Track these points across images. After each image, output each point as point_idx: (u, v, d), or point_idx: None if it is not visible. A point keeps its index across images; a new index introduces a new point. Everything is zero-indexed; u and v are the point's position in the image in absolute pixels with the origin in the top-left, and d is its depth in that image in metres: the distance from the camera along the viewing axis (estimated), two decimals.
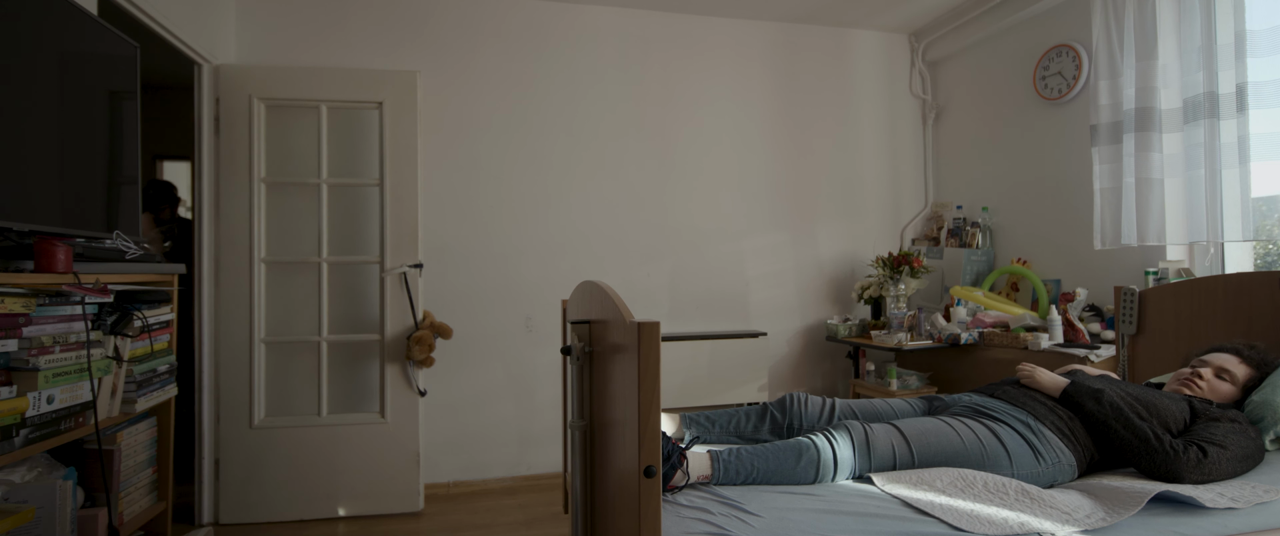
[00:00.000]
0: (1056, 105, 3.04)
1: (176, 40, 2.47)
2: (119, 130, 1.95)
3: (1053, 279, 3.04)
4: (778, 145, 3.61)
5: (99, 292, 1.74)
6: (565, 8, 3.34)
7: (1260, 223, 2.42)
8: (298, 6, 3.03)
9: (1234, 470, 1.49)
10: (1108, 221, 2.63)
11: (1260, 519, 1.32)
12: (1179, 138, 2.44)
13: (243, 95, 2.76)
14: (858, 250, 3.71)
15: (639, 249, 3.40)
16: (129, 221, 1.97)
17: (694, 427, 1.76)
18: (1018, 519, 1.26)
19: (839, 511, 1.28)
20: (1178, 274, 2.44)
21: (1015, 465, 1.51)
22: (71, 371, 1.66)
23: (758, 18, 3.56)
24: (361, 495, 2.80)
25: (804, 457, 1.46)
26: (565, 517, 2.69)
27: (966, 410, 1.69)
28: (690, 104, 3.48)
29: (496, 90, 3.25)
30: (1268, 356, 1.83)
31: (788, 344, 3.59)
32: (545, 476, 3.25)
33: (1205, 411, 1.65)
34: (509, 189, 3.25)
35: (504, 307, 3.23)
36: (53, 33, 1.67)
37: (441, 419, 3.12)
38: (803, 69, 3.65)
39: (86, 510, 1.81)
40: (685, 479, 1.41)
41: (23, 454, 1.53)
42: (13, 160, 1.54)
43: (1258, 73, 2.20)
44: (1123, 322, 2.37)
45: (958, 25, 3.51)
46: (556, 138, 3.31)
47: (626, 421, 1.04)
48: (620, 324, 1.09)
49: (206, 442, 2.71)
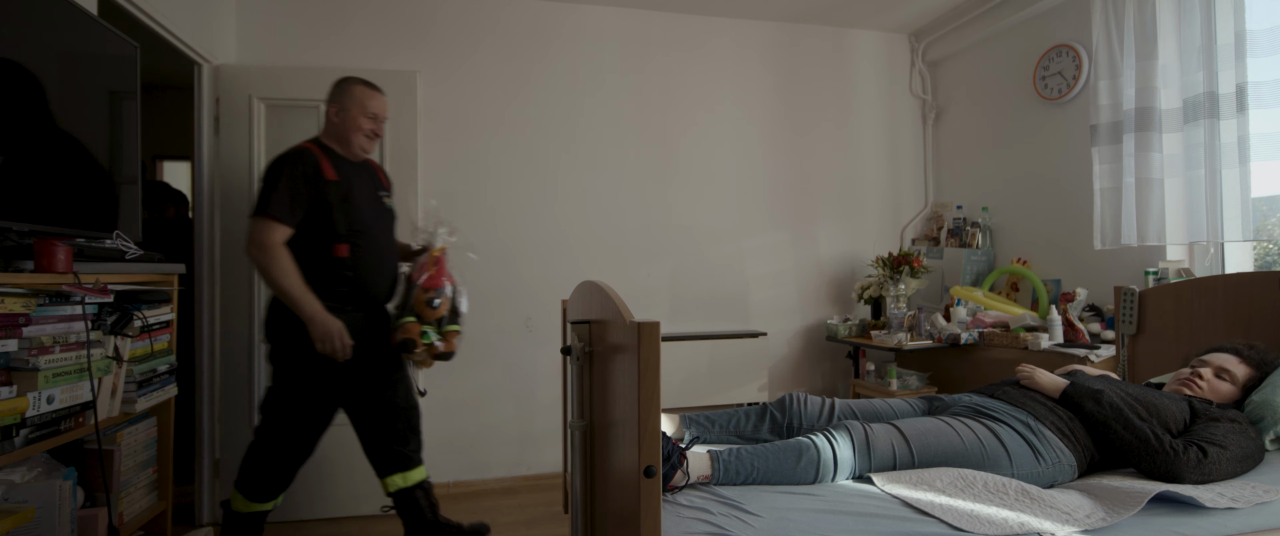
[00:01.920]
0: (1056, 105, 3.04)
1: (176, 40, 2.47)
2: (119, 130, 1.95)
3: (1053, 279, 3.04)
4: (778, 145, 3.61)
5: (99, 292, 1.74)
6: (566, 8, 3.34)
7: (1260, 223, 2.42)
8: (298, 6, 3.03)
9: (1234, 470, 1.49)
10: (1108, 221, 2.63)
11: (1260, 519, 1.32)
12: (1179, 138, 2.44)
13: (243, 95, 2.75)
14: (858, 250, 3.71)
15: (639, 249, 3.40)
16: (129, 221, 1.97)
17: (694, 427, 1.76)
18: (1018, 519, 1.26)
19: (839, 511, 1.28)
20: (1178, 274, 2.44)
21: (1015, 465, 1.51)
22: (71, 371, 1.66)
23: (758, 18, 3.56)
24: (361, 495, 2.80)
25: (804, 457, 1.46)
26: (565, 517, 2.69)
27: (966, 410, 1.69)
28: (690, 104, 3.48)
29: (497, 90, 3.25)
30: (1267, 356, 1.83)
31: (788, 344, 3.59)
32: (545, 476, 3.25)
33: (1205, 411, 1.65)
34: (509, 189, 3.25)
35: (504, 307, 3.23)
36: (53, 32, 1.67)
37: (441, 419, 3.11)
38: (803, 69, 3.65)
39: (86, 510, 1.81)
40: (685, 479, 1.41)
41: (23, 454, 1.53)
42: (13, 160, 1.54)
43: (1258, 73, 2.20)
44: (1123, 323, 2.37)
45: (958, 25, 3.51)
46: (556, 138, 3.31)
47: (626, 421, 1.04)
48: (620, 324, 1.09)
49: (206, 442, 2.71)
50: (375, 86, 2.23)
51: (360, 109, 2.16)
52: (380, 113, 2.21)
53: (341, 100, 2.18)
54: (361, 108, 2.17)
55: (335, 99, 2.19)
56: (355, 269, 2.11)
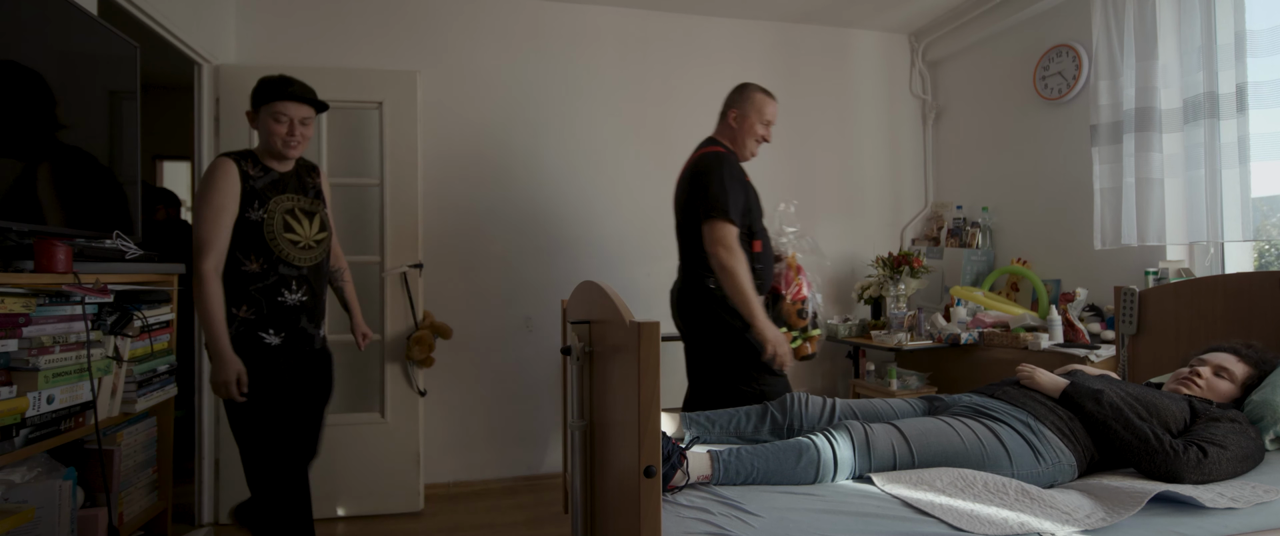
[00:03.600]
0: (1056, 105, 3.04)
1: (176, 40, 2.47)
2: (119, 130, 1.95)
3: (1053, 279, 3.04)
4: (777, 145, 3.60)
5: (99, 292, 1.74)
6: (565, 8, 3.33)
7: (1260, 223, 2.42)
8: (298, 7, 3.03)
9: (1234, 470, 1.49)
10: (1108, 221, 2.63)
11: (1260, 519, 1.32)
12: (1179, 138, 2.44)
13: (243, 95, 2.74)
14: (858, 250, 3.71)
15: (639, 249, 3.40)
16: (129, 221, 1.97)
17: (694, 427, 1.76)
18: (1018, 519, 1.26)
19: (839, 511, 1.28)
20: (1178, 274, 2.44)
21: (1015, 465, 1.51)
22: (71, 371, 1.66)
23: (758, 18, 3.56)
24: (361, 495, 2.80)
25: (804, 457, 1.46)
26: (565, 517, 2.69)
27: (966, 410, 1.69)
28: (690, 104, 3.48)
29: (496, 90, 3.25)
30: (1266, 355, 1.83)
31: None
32: (545, 476, 3.24)
33: (1205, 411, 1.64)
34: (509, 188, 3.25)
35: (504, 307, 3.23)
36: (53, 32, 1.67)
37: (441, 419, 3.11)
38: (803, 69, 3.65)
39: (86, 510, 1.81)
40: (685, 479, 1.41)
41: (23, 454, 1.53)
42: (13, 160, 1.54)
43: (1258, 73, 2.20)
44: (1123, 323, 2.37)
45: (958, 25, 3.51)
46: (556, 137, 3.31)
47: (626, 421, 1.04)
48: (620, 324, 1.09)
49: (206, 442, 2.71)
50: (771, 93, 2.30)
51: (759, 115, 2.25)
52: (774, 119, 2.30)
53: (742, 105, 2.26)
54: (760, 114, 2.25)
55: (736, 103, 2.27)
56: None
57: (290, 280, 1.85)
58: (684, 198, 2.27)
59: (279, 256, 1.83)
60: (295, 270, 1.86)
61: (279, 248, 1.83)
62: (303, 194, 1.93)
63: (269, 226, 1.81)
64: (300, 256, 1.87)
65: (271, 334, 1.83)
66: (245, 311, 1.80)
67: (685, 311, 2.27)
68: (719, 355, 2.18)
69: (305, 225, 1.89)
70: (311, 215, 1.92)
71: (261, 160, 1.87)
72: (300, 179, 1.94)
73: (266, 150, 1.88)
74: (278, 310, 1.84)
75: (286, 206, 1.86)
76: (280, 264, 1.83)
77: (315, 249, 1.91)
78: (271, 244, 1.82)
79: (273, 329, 1.83)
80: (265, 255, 1.81)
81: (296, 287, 1.87)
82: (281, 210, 1.84)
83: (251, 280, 1.81)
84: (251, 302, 1.81)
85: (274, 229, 1.82)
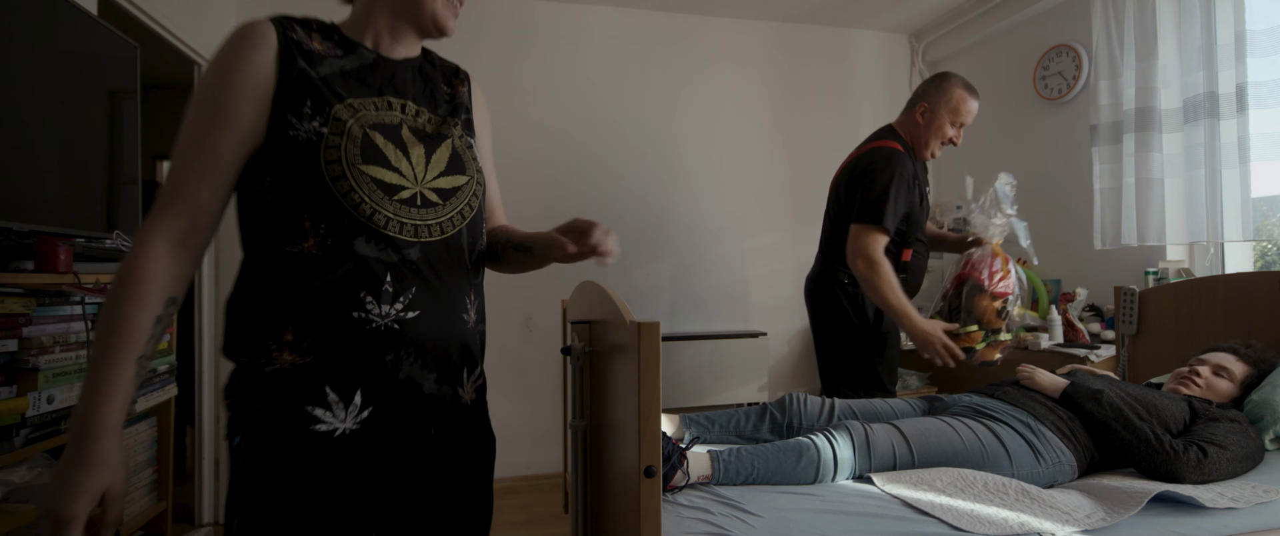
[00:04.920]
0: (1056, 105, 3.04)
1: (176, 40, 2.47)
2: (119, 130, 1.95)
3: (1053, 279, 3.04)
4: (778, 145, 3.61)
5: (99, 293, 1.74)
6: (565, 7, 3.34)
7: (1260, 223, 2.42)
8: (297, 7, 3.02)
9: (1234, 470, 1.49)
10: (1108, 221, 2.63)
11: (1260, 519, 1.32)
12: (1179, 138, 2.44)
13: None
14: None
15: (639, 249, 3.40)
16: (129, 221, 1.97)
17: (694, 427, 1.76)
18: (1018, 519, 1.26)
19: (839, 511, 1.28)
20: (1178, 274, 2.44)
21: (1015, 465, 1.51)
22: (71, 371, 1.66)
23: (758, 18, 3.56)
24: None
25: (804, 457, 1.46)
26: (565, 517, 2.69)
27: (967, 410, 1.69)
28: (690, 103, 3.48)
29: (496, 89, 3.24)
30: (1265, 354, 1.83)
31: (788, 344, 3.59)
32: (545, 476, 3.24)
33: (1205, 411, 1.65)
34: (508, 188, 3.23)
35: (504, 307, 3.22)
36: (53, 32, 1.67)
37: None
38: (803, 69, 3.65)
39: None
40: (685, 479, 1.41)
41: (23, 454, 1.53)
42: (13, 160, 1.54)
43: (1258, 73, 2.20)
44: (1123, 323, 2.37)
45: (958, 25, 3.51)
46: (556, 137, 3.31)
47: (626, 421, 1.04)
48: (620, 324, 1.09)
49: (207, 442, 2.71)
50: (974, 89, 1.96)
51: (953, 115, 1.97)
52: (969, 121, 2.00)
53: (935, 100, 1.94)
54: (954, 114, 1.97)
55: (928, 96, 1.96)
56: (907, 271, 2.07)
57: (382, 271, 0.89)
58: (842, 192, 2.08)
59: (356, 215, 0.88)
60: (393, 249, 0.90)
61: (356, 196, 0.88)
62: (425, 104, 1.01)
63: (334, 152, 0.87)
64: (405, 216, 0.91)
65: (335, 407, 0.88)
66: (287, 354, 0.87)
67: (814, 300, 2.19)
68: (841, 347, 2.13)
69: (417, 156, 0.94)
70: (437, 141, 0.98)
71: (343, 32, 1.01)
72: (425, 77, 1.04)
73: (385, 7, 0.99)
74: (353, 340, 0.88)
75: (375, 119, 0.92)
76: (359, 233, 0.88)
77: (440, 207, 0.96)
78: (337, 189, 0.87)
79: (337, 389, 0.88)
80: (327, 215, 0.87)
81: (395, 288, 0.90)
82: (364, 123, 0.90)
83: (303, 272, 0.87)
84: (302, 325, 0.87)
85: (345, 157, 0.87)
